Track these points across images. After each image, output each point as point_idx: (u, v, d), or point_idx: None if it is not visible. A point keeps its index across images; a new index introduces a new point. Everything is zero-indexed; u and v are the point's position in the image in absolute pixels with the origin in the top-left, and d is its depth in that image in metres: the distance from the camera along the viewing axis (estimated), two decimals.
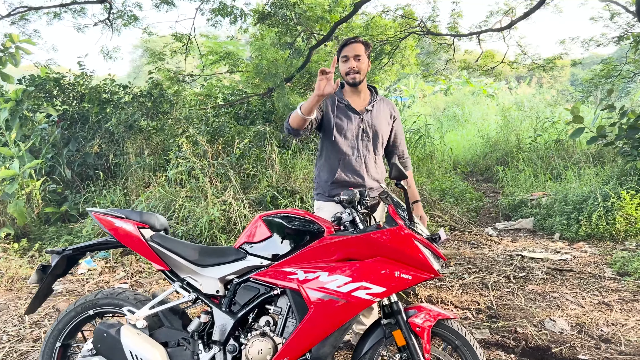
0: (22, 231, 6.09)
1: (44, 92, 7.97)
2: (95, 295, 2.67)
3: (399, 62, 15.93)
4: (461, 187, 9.01)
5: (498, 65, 14.49)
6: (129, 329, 2.45)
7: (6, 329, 3.77)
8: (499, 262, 5.33)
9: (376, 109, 3.22)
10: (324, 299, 2.35)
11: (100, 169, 7.45)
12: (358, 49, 3.07)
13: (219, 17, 11.78)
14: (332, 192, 3.16)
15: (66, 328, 2.64)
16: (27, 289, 4.57)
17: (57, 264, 2.66)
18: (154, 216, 2.72)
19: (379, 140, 3.20)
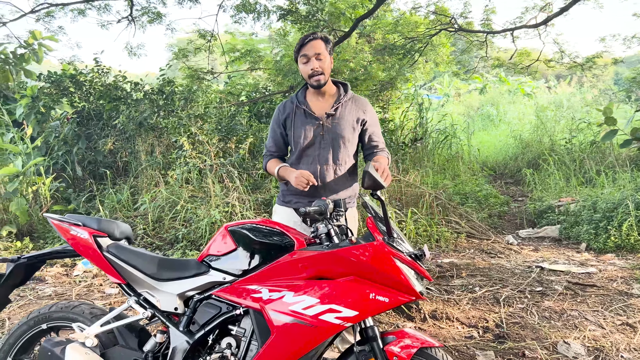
0: (27, 229, 6.02)
1: (60, 89, 7.93)
2: (50, 308, 2.47)
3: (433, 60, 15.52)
4: (486, 191, 8.59)
5: (533, 63, 13.93)
6: (76, 348, 2.23)
7: None
8: (515, 274, 4.95)
9: (340, 112, 2.87)
10: (287, 322, 2.09)
11: (112, 167, 7.35)
12: (318, 46, 2.75)
13: (242, 13, 11.63)
14: (286, 197, 2.93)
15: (17, 342, 2.45)
16: (15, 291, 4.44)
17: (12, 273, 2.48)
18: (114, 224, 2.50)
19: (340, 149, 2.85)
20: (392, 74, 13.00)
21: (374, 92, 13.00)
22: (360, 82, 11.85)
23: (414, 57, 13.44)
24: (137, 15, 11.23)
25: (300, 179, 2.61)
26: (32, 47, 9.79)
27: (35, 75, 9.29)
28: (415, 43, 13.10)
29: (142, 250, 2.44)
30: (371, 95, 13.24)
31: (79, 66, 8.69)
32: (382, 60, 13.13)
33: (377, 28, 14.08)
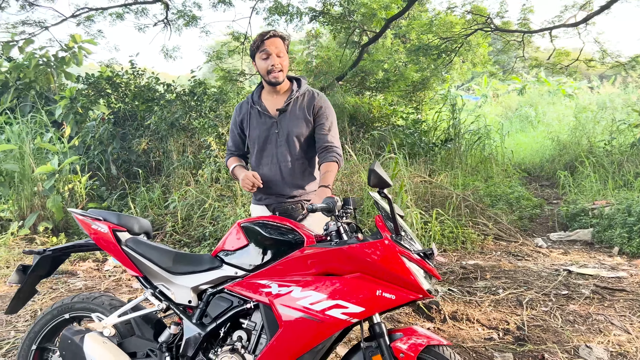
0: (62, 225, 6.26)
1: (97, 90, 8.19)
2: (72, 299, 2.58)
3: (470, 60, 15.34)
4: (518, 193, 8.45)
5: (572, 63, 13.61)
6: (94, 337, 2.33)
7: (17, 324, 3.81)
8: (541, 277, 4.87)
9: (292, 108, 2.85)
10: (294, 316, 2.14)
11: (145, 166, 7.56)
12: (279, 44, 2.74)
13: (275, 15, 11.76)
14: (257, 195, 2.95)
15: (42, 331, 2.57)
16: (48, 284, 4.64)
17: (38, 265, 2.59)
18: (133, 219, 2.60)
19: (295, 144, 2.83)
20: (426, 74, 12.92)
21: (406, 93, 12.94)
22: (393, 83, 11.82)
23: (449, 58, 13.31)
24: (172, 18, 11.52)
25: (246, 181, 2.67)
26: (73, 50, 10.16)
27: (75, 77, 9.63)
28: (451, 43, 12.98)
29: (158, 245, 2.52)
30: (404, 96, 13.19)
31: (116, 68, 8.97)
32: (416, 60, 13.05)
33: (411, 29, 14.01)
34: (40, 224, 6.04)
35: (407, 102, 13.55)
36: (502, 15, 13.41)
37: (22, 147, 6.45)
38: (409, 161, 7.84)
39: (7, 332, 3.69)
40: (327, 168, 2.76)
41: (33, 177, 6.27)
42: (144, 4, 11.06)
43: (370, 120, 10.54)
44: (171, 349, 2.39)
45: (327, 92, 9.84)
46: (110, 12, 11.18)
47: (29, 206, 6.23)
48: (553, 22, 12.79)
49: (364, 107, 10.17)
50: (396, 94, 12.73)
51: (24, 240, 5.90)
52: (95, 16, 11.10)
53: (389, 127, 9.97)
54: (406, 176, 6.35)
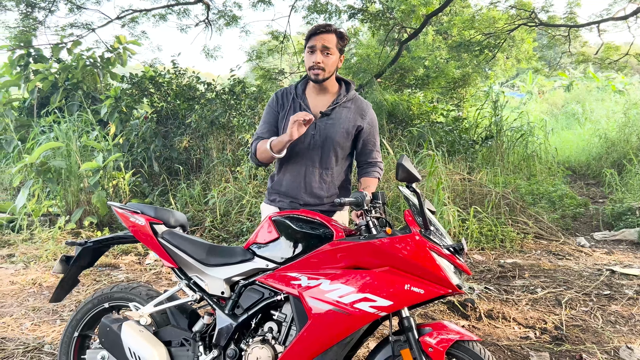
0: (107, 220, 6.47)
1: (141, 90, 8.43)
2: (111, 289, 2.68)
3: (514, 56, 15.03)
4: (561, 191, 8.24)
5: (622, 57, 13.17)
6: (131, 326, 2.42)
7: (62, 313, 3.98)
8: (582, 276, 4.75)
9: (337, 113, 2.69)
10: (323, 308, 2.17)
11: (186, 163, 7.73)
12: (328, 40, 2.57)
13: (314, 14, 11.82)
14: (271, 196, 2.83)
15: (84, 319, 2.68)
16: (92, 276, 4.82)
17: (80, 256, 2.70)
18: (169, 212, 2.68)
19: (331, 152, 2.68)
20: (467, 71, 12.73)
21: (447, 90, 12.80)
22: (432, 80, 11.71)
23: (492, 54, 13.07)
24: (213, 18, 11.73)
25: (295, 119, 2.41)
26: (118, 51, 10.48)
27: (120, 77, 9.94)
28: (494, 39, 12.75)
29: (193, 237, 2.59)
30: (444, 93, 13.04)
31: (158, 68, 9.20)
32: (457, 57, 12.89)
33: (453, 24, 13.83)
34: (85, 219, 6.27)
35: (448, 99, 13.40)
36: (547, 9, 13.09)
37: (70, 144, 6.71)
38: (448, 158, 7.75)
39: (54, 321, 3.85)
40: (369, 183, 2.75)
41: (79, 174, 6.51)
42: (186, 4, 11.30)
43: (409, 118, 10.47)
44: (204, 338, 2.45)
45: (365, 89, 9.83)
46: (153, 13, 11.50)
47: (75, 202, 6.47)
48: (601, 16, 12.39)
49: (403, 105, 10.11)
50: (436, 91, 12.60)
51: (70, 234, 6.14)
52: (139, 17, 11.42)
53: (427, 124, 9.87)
54: (444, 173, 6.29)
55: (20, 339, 3.54)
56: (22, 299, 4.30)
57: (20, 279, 4.75)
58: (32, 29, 10.02)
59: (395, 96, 10.51)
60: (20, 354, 3.33)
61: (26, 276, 4.81)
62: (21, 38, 9.86)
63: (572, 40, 13.66)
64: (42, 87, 9.74)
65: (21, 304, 4.18)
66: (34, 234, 6.06)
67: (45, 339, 3.54)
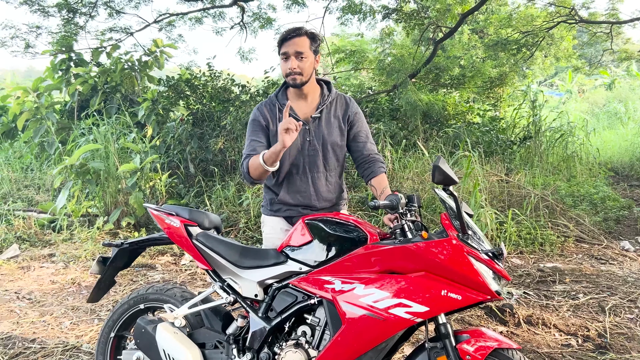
0: (144, 221, 6.57)
1: (177, 92, 8.54)
2: (147, 290, 2.71)
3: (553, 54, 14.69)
4: (603, 193, 7.97)
5: None
6: (166, 327, 2.43)
7: (100, 313, 4.05)
8: (627, 282, 4.57)
9: (325, 114, 2.68)
10: (357, 313, 2.13)
11: (221, 165, 7.79)
12: (300, 44, 2.51)
13: (348, 14, 11.78)
14: (275, 206, 2.76)
15: (120, 320, 2.71)
16: (129, 276, 4.89)
17: (116, 257, 2.74)
18: (203, 214, 2.69)
19: (329, 153, 2.69)
20: (505, 69, 12.49)
21: (483, 89, 12.57)
22: (468, 79, 11.51)
23: (530, 52, 12.78)
24: (248, 21, 11.81)
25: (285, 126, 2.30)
26: (155, 54, 10.66)
27: (157, 80, 10.10)
28: (532, 37, 12.48)
29: (227, 239, 2.59)
30: (481, 93, 12.81)
31: (194, 71, 9.31)
32: (494, 56, 12.66)
33: (489, 23, 13.59)
34: (123, 220, 6.39)
35: (484, 99, 13.16)
36: (587, 5, 12.74)
37: (108, 146, 6.85)
38: (484, 159, 7.60)
39: (92, 321, 3.92)
40: (383, 182, 2.70)
41: (117, 175, 6.64)
42: (222, 7, 11.41)
43: (444, 118, 10.31)
44: (238, 341, 2.45)
45: (400, 89, 9.72)
46: (189, 16, 11.64)
47: (113, 202, 6.60)
48: None
49: (438, 105, 9.96)
50: (472, 91, 12.39)
51: (108, 235, 6.26)
52: (176, 21, 11.58)
53: (463, 124, 9.70)
54: (481, 175, 6.16)
55: (59, 338, 3.61)
56: (62, 298, 4.40)
57: (60, 278, 4.87)
58: (73, 33, 10.27)
59: (430, 96, 10.36)
60: (60, 353, 3.40)
61: (66, 275, 4.92)
62: (63, 43, 10.12)
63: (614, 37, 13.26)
64: (82, 91, 9.99)
65: (61, 303, 4.28)
66: (74, 234, 6.20)
67: (83, 338, 3.61)
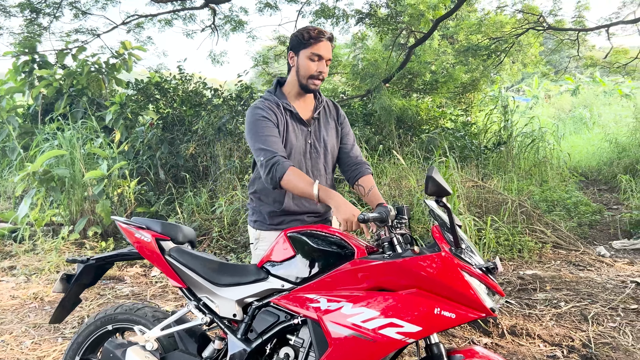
0: (111, 230, 6.31)
1: (146, 96, 8.29)
2: (115, 310, 2.51)
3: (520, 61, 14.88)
4: (576, 198, 8.03)
5: (631, 61, 12.98)
6: (136, 351, 2.24)
7: (64, 330, 3.81)
8: (607, 289, 4.54)
9: (323, 116, 2.62)
10: (345, 335, 1.99)
11: (192, 170, 7.58)
12: (330, 49, 2.45)
13: (321, 19, 11.67)
14: (275, 220, 2.56)
15: (85, 342, 2.51)
16: (96, 290, 4.65)
17: (82, 274, 2.54)
18: (177, 227, 2.51)
19: (329, 156, 2.61)
20: (475, 75, 12.58)
21: (455, 95, 12.63)
22: (441, 85, 11.54)
23: (499, 58, 12.92)
24: (219, 23, 11.59)
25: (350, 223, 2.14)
26: (123, 56, 10.33)
27: (125, 84, 9.79)
28: (501, 43, 12.61)
29: (203, 255, 2.42)
30: (452, 98, 12.87)
31: (164, 74, 9.06)
32: (465, 61, 12.75)
33: (460, 29, 13.69)
34: (89, 229, 6.11)
35: (456, 104, 13.23)
36: (555, 13, 12.94)
37: (73, 152, 6.56)
38: (459, 165, 7.56)
39: (55, 340, 3.68)
40: (370, 182, 2.58)
41: (83, 182, 6.35)
42: (192, 9, 11.17)
43: (417, 123, 10.29)
44: None
45: (374, 94, 9.66)
46: (159, 18, 11.36)
47: (79, 211, 6.31)
48: (610, 19, 12.24)
49: (412, 110, 9.93)
50: (444, 96, 12.43)
51: (74, 245, 5.98)
52: (145, 23, 11.29)
53: (437, 129, 9.69)
54: (458, 181, 6.10)
55: (19, 359, 3.36)
56: (23, 315, 4.13)
57: (21, 293, 4.59)
58: (37, 35, 9.90)
59: (403, 101, 10.34)
60: None
61: (27, 290, 4.64)
62: (26, 44, 9.73)
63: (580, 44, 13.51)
64: (46, 94, 9.60)
65: (22, 320, 4.02)
66: (37, 245, 5.89)
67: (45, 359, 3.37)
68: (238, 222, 6.00)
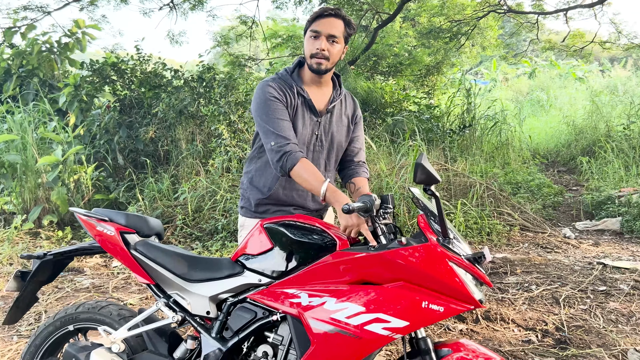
0: (68, 219, 6.01)
1: (102, 77, 7.91)
2: (77, 308, 2.32)
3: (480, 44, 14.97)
4: (538, 180, 8.15)
5: (587, 45, 13.23)
6: (101, 354, 2.07)
7: (20, 328, 3.57)
8: (575, 271, 4.58)
9: (337, 110, 2.42)
10: (329, 332, 1.87)
11: (153, 155, 7.29)
12: (336, 26, 2.24)
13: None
14: (260, 208, 2.42)
15: (44, 344, 2.31)
16: (53, 283, 4.39)
17: (38, 270, 2.34)
18: (143, 219, 2.33)
19: (333, 153, 2.44)
20: (438, 58, 12.58)
21: (418, 77, 12.61)
22: (405, 67, 11.48)
23: (460, 41, 12.95)
24: (178, 2, 11.17)
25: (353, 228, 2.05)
26: (76, 35, 9.82)
27: (79, 64, 9.33)
28: (462, 26, 12.62)
29: (172, 248, 2.26)
30: (415, 81, 12.84)
31: (121, 54, 8.66)
32: (427, 44, 12.72)
33: (422, 11, 13.64)
34: (44, 218, 5.80)
35: (419, 87, 13.22)
36: None
37: (25, 137, 6.19)
38: (426, 149, 7.53)
39: (10, 338, 3.44)
40: (363, 183, 2.45)
41: (37, 169, 6.01)
42: None
43: (382, 106, 10.21)
44: None
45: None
46: None
47: (33, 199, 5.97)
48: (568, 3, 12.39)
49: (377, 92, 9.84)
50: (408, 79, 12.40)
51: (28, 235, 5.67)
52: (99, 0, 10.78)
53: (403, 113, 9.65)
54: None
55: None
56: None
57: None
58: None
59: (368, 83, 10.24)
60: None
61: None
62: None
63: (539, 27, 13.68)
64: None
65: None
66: None
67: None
68: (203, 209, 5.80)
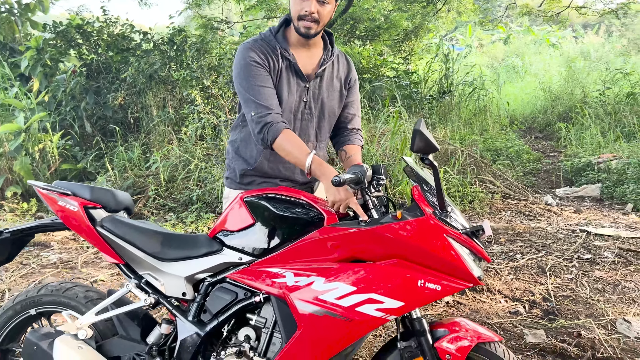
0: (33, 190, 5.70)
1: (67, 41, 7.49)
2: (39, 291, 2.12)
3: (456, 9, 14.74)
4: (517, 147, 8.09)
5: (564, 10, 13.12)
6: (66, 341, 1.88)
7: None
8: (559, 239, 4.53)
9: (328, 73, 2.19)
10: (317, 314, 1.72)
11: (122, 123, 6.98)
12: None
13: None
14: (245, 179, 2.23)
15: (3, 330, 2.12)
16: (18, 258, 4.14)
17: None
18: (109, 192, 2.12)
19: (325, 121, 2.23)
20: (415, 22, 12.32)
21: (395, 42, 12.36)
22: (383, 32, 11.21)
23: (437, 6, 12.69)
24: None
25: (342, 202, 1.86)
26: None
27: (41, 26, 8.83)
28: None
29: (143, 224, 2.06)
30: (393, 46, 12.58)
31: (86, 16, 8.21)
32: (404, 8, 12.44)
33: None
34: (8, 189, 5.50)
35: (396, 53, 12.97)
36: None
37: None
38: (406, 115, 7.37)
39: None
40: (355, 151, 2.26)
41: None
42: None
43: (359, 71, 9.97)
44: (163, 352, 1.97)
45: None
46: None
47: None
48: None
49: (355, 58, 9.59)
50: (386, 44, 12.14)
51: None
52: None
53: (381, 79, 9.43)
54: (409, 131, 5.89)
55: None
56: None
57: None
58: None
59: (346, 48, 9.96)
60: None
61: None
62: None
63: None
64: None
65: None
66: None
67: None
68: (176, 179, 5.57)
